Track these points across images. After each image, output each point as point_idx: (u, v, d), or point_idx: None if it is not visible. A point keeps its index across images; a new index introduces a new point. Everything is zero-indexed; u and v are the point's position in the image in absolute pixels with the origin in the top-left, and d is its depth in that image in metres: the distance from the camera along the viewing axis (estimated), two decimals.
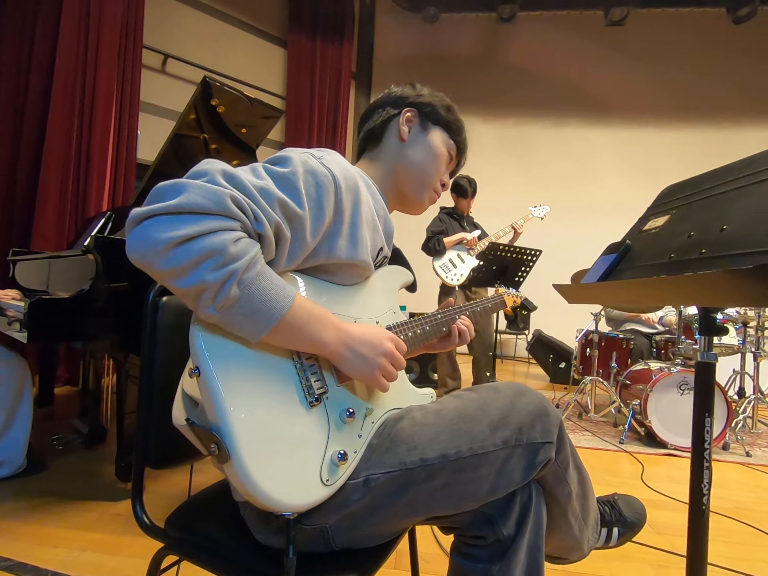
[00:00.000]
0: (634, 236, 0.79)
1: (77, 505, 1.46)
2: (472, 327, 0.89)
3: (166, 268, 0.47)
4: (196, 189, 0.48)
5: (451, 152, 0.84)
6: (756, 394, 2.67)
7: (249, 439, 0.51)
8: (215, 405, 0.50)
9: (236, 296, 0.50)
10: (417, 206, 0.84)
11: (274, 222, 0.54)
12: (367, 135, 0.84)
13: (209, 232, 0.48)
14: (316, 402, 0.59)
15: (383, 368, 0.62)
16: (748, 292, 0.41)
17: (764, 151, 0.64)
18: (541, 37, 5.64)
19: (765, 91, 5.32)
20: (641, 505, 0.90)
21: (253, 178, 0.54)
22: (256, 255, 0.51)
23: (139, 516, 0.66)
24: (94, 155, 3.08)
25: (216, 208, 0.48)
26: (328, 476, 0.57)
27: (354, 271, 0.67)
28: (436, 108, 0.82)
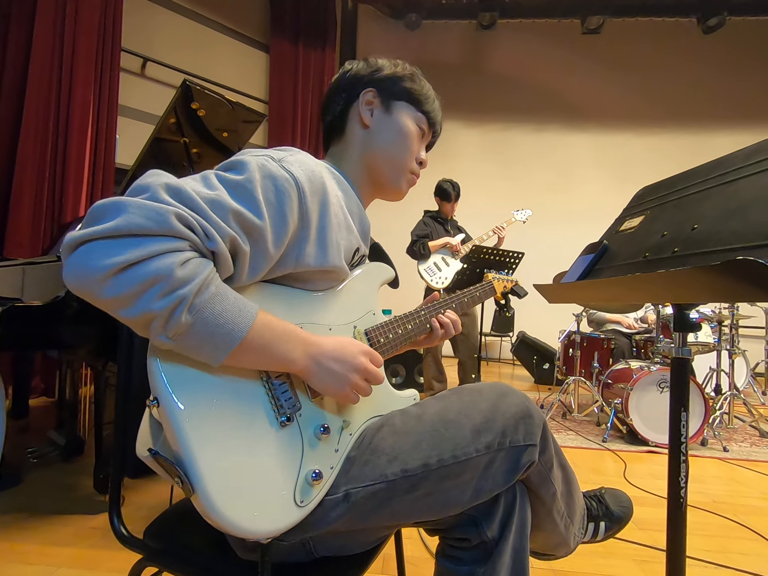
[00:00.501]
0: (611, 236, 0.81)
1: (53, 519, 1.41)
2: (458, 321, 0.85)
3: (108, 297, 0.43)
4: (136, 209, 0.44)
5: (422, 126, 0.77)
6: (732, 390, 2.75)
7: (214, 470, 0.49)
8: (177, 436, 0.48)
9: (189, 323, 0.46)
10: (396, 193, 0.79)
11: (228, 236, 0.49)
12: (328, 127, 0.78)
13: (153, 256, 0.43)
14: (287, 421, 0.56)
15: (355, 384, 0.59)
16: (717, 288, 0.42)
17: (731, 153, 0.66)
18: (520, 44, 5.75)
19: (733, 98, 5.53)
20: (628, 498, 0.91)
21: (204, 189, 0.50)
22: (209, 276, 0.47)
23: (117, 527, 0.64)
24: (71, 160, 3.01)
25: (159, 229, 0.44)
26: (302, 497, 0.55)
27: (327, 276, 0.64)
28: (397, 80, 0.75)
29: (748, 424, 2.85)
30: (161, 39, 4.13)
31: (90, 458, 1.79)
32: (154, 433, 0.54)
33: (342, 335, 0.65)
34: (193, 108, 2.02)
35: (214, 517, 0.48)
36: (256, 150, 0.59)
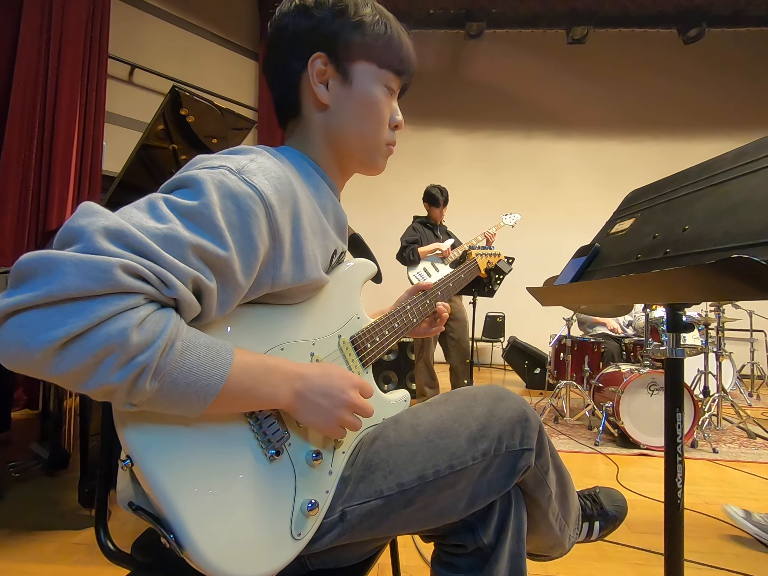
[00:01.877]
0: (603, 239, 0.81)
1: (36, 535, 1.36)
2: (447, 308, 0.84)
3: (55, 374, 0.37)
4: (71, 267, 0.36)
5: (390, 84, 0.64)
6: (719, 392, 2.78)
7: (202, 525, 0.46)
8: (157, 496, 0.44)
9: (155, 389, 0.41)
10: (374, 170, 0.70)
11: (190, 277, 0.42)
12: (279, 105, 0.66)
13: (100, 322, 0.37)
14: (276, 455, 0.53)
15: (342, 420, 0.55)
16: (710, 287, 0.42)
17: (718, 156, 0.67)
18: (507, 53, 5.86)
19: (713, 106, 5.70)
20: (622, 497, 0.90)
21: (153, 222, 0.42)
22: (172, 331, 0.41)
23: (103, 542, 0.62)
24: (56, 166, 2.97)
25: (103, 288, 0.36)
26: (299, 530, 0.53)
27: (306, 289, 0.58)
28: (348, 31, 0.60)
29: (736, 426, 2.89)
30: (150, 46, 4.11)
31: (75, 472, 1.74)
32: (135, 486, 0.50)
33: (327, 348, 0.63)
34: (182, 114, 2.01)
35: (209, 571, 0.46)
36: (210, 158, 0.51)
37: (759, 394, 4.24)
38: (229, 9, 4.75)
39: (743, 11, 5.22)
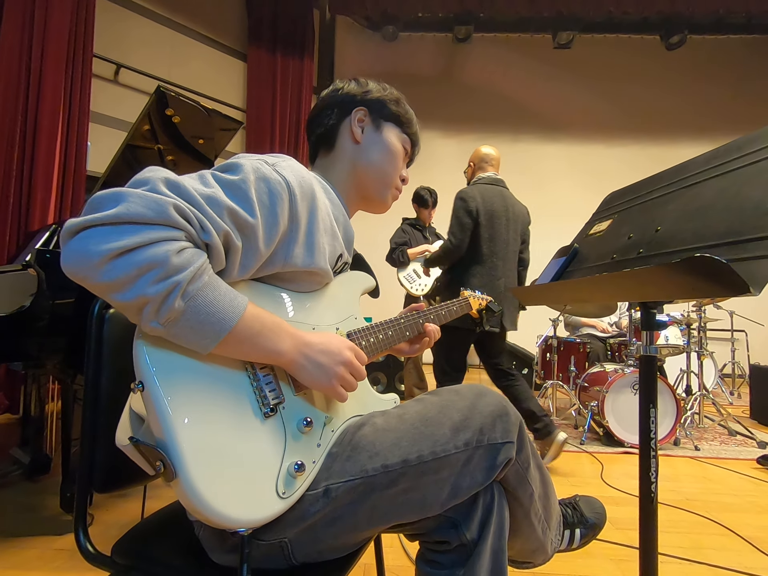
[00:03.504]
0: (582, 240, 0.83)
1: (16, 542, 1.33)
2: (437, 330, 0.89)
3: (104, 281, 0.45)
4: (136, 198, 0.46)
5: (406, 146, 0.83)
6: (701, 391, 2.84)
7: (197, 455, 0.49)
8: (160, 420, 0.48)
9: (181, 309, 0.48)
10: (381, 206, 0.84)
11: (222, 231, 0.51)
12: (318, 140, 0.82)
13: (149, 243, 0.45)
14: (271, 413, 0.57)
15: (342, 377, 0.61)
16: (678, 285, 0.44)
17: (691, 159, 0.69)
18: (495, 57, 5.92)
19: (695, 110, 5.82)
20: (601, 504, 0.93)
21: (201, 186, 0.52)
22: (202, 265, 0.49)
23: (83, 544, 0.61)
24: (39, 166, 2.92)
25: (157, 218, 0.46)
26: (285, 489, 0.55)
27: (312, 278, 0.66)
28: (386, 103, 0.81)
29: (717, 423, 2.95)
30: (136, 46, 4.07)
31: (56, 477, 1.70)
32: (134, 425, 0.55)
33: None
34: (168, 114, 1.99)
35: (195, 503, 0.48)
36: (251, 155, 0.61)
37: (740, 393, 4.33)
38: (217, 9, 4.72)
39: (723, 19, 5.36)
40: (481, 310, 1.13)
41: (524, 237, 2.10)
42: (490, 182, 2.05)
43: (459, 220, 1.95)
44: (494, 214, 1.97)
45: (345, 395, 0.62)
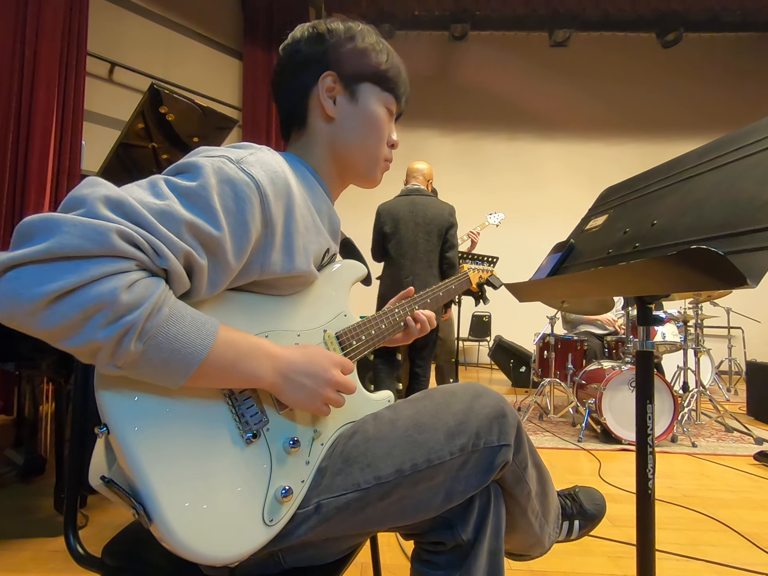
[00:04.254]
0: (577, 236, 0.83)
1: (9, 544, 1.32)
2: (433, 317, 0.84)
3: (44, 329, 0.39)
4: (71, 227, 0.38)
5: (390, 107, 0.70)
6: (698, 387, 2.85)
7: (172, 498, 0.46)
8: (129, 464, 0.45)
9: (139, 351, 0.42)
10: (371, 182, 0.74)
11: (182, 252, 0.44)
12: (286, 118, 0.71)
13: (92, 281, 0.39)
14: (253, 438, 0.53)
15: (327, 399, 0.57)
16: (674, 278, 0.43)
17: (686, 153, 0.69)
18: (491, 55, 5.91)
19: (692, 108, 5.83)
20: (601, 495, 0.91)
21: (152, 198, 0.45)
22: (160, 297, 0.43)
23: (72, 546, 0.61)
24: (32, 166, 2.90)
25: (99, 249, 0.39)
26: (271, 516, 0.52)
27: (294, 281, 0.60)
28: (357, 57, 0.67)
29: (714, 420, 2.96)
30: (131, 44, 4.04)
31: (51, 478, 1.69)
32: (109, 459, 0.51)
33: (311, 340, 0.63)
34: (162, 112, 1.98)
35: (175, 546, 0.45)
36: (212, 149, 0.53)
37: (737, 389, 4.35)
38: (213, 8, 4.70)
39: (718, 17, 5.37)
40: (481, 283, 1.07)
41: (444, 237, 2.34)
42: (404, 193, 2.43)
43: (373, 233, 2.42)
44: (400, 220, 2.32)
45: (329, 412, 0.59)
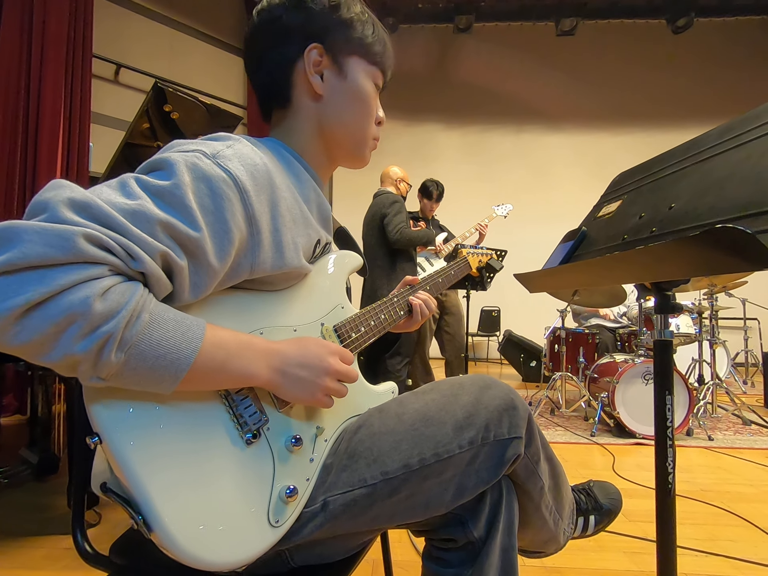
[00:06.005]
0: (590, 223, 0.80)
1: (24, 541, 1.33)
2: (429, 300, 0.82)
3: (17, 345, 0.36)
4: (32, 234, 0.35)
5: (377, 81, 0.67)
6: (714, 380, 2.79)
7: (172, 507, 0.44)
8: (125, 475, 0.43)
9: (121, 361, 0.40)
10: (360, 162, 0.71)
11: (158, 252, 0.42)
12: (266, 93, 0.65)
13: (62, 291, 0.36)
14: (253, 439, 0.51)
15: (326, 389, 0.55)
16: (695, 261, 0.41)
17: (704, 133, 0.66)
18: (497, 46, 5.84)
19: (703, 95, 5.70)
20: (616, 490, 0.89)
21: (122, 198, 0.42)
22: (138, 302, 0.40)
23: (80, 544, 0.60)
24: (42, 168, 2.92)
25: (65, 256, 0.36)
26: (277, 517, 0.51)
27: (286, 276, 0.58)
28: (344, 27, 0.62)
29: (731, 413, 2.90)
30: (135, 45, 4.06)
31: (64, 477, 1.71)
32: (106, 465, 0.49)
33: (309, 335, 0.61)
34: (166, 111, 1.98)
35: (179, 555, 0.44)
36: (187, 142, 0.50)
37: (753, 381, 4.26)
38: (216, 6, 4.70)
39: (730, 0, 5.23)
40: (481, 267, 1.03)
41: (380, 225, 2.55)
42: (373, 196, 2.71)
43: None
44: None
45: (331, 404, 0.57)
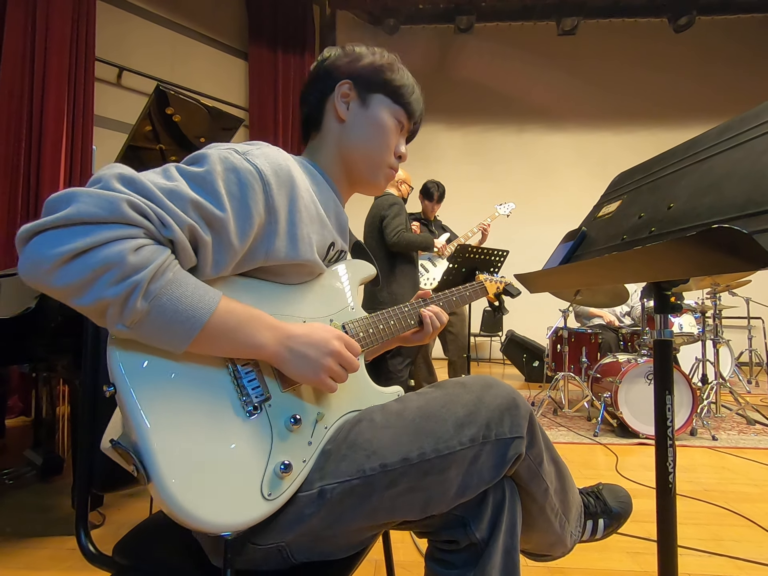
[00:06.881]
0: (590, 223, 0.80)
1: (29, 542, 1.34)
2: (441, 314, 0.84)
3: (59, 286, 0.43)
4: (87, 197, 0.44)
5: (400, 119, 0.75)
6: (717, 379, 2.78)
7: (170, 458, 0.47)
8: (133, 423, 0.47)
9: (145, 309, 0.45)
10: (374, 188, 0.78)
11: (186, 225, 0.48)
12: (306, 121, 0.77)
13: (103, 243, 0.43)
14: (254, 411, 0.54)
15: (329, 369, 0.57)
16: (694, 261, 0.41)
17: (704, 132, 0.66)
18: (498, 47, 5.83)
19: (705, 94, 5.68)
20: (626, 493, 0.88)
21: (162, 180, 0.50)
22: (164, 262, 0.47)
23: (84, 544, 0.61)
24: (45, 172, 2.95)
25: (110, 216, 0.44)
26: (270, 490, 0.52)
27: (300, 270, 0.62)
28: (374, 71, 0.73)
29: (735, 413, 2.89)
30: (138, 48, 4.08)
31: (68, 478, 1.72)
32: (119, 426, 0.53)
33: None
34: (169, 113, 1.99)
35: (171, 508, 0.46)
36: (222, 144, 0.57)
37: (758, 381, 4.24)
38: (217, 9, 4.71)
39: None
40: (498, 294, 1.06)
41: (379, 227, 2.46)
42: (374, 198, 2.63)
43: None
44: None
45: (334, 387, 0.59)
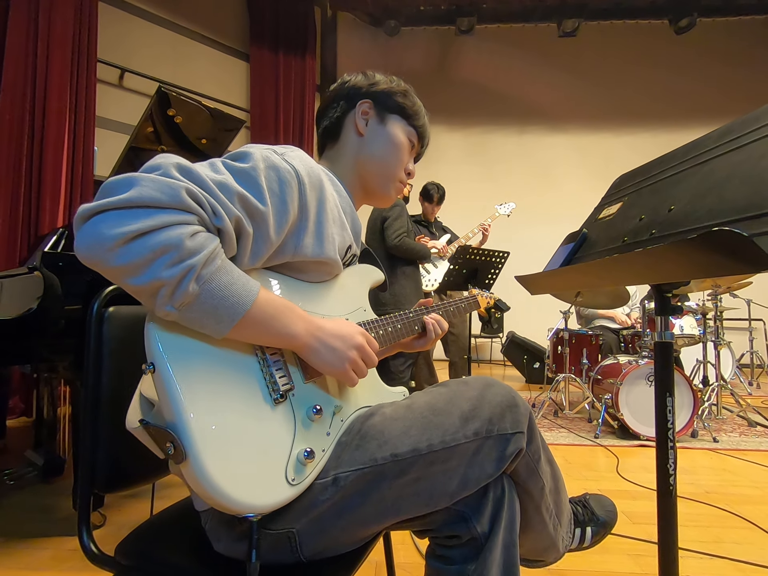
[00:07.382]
0: (590, 225, 0.80)
1: (30, 543, 1.34)
2: (443, 321, 0.89)
3: (118, 265, 0.45)
4: (149, 182, 0.46)
5: (412, 139, 0.82)
6: (718, 381, 2.77)
7: (207, 437, 0.48)
8: (171, 401, 0.48)
9: (195, 293, 0.48)
10: (384, 199, 0.84)
11: (234, 216, 0.52)
12: (325, 132, 0.82)
13: (163, 227, 0.45)
14: (281, 399, 0.57)
15: (354, 362, 0.61)
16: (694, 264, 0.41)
17: (704, 135, 0.66)
18: (499, 48, 5.84)
19: (706, 95, 5.68)
20: (611, 503, 0.92)
21: (211, 172, 0.53)
22: (215, 250, 0.49)
23: (86, 544, 0.61)
24: (47, 173, 2.95)
25: (170, 202, 0.46)
26: (294, 475, 0.55)
27: (322, 268, 0.66)
28: (392, 95, 0.80)
29: (736, 414, 2.88)
30: (139, 50, 4.09)
31: (70, 479, 1.72)
32: (144, 409, 0.55)
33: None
34: (170, 115, 1.99)
35: (205, 486, 0.47)
36: (260, 144, 0.61)
37: (759, 383, 4.23)
38: (219, 10, 4.73)
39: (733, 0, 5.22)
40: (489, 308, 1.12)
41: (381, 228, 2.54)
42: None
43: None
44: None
45: (356, 380, 0.62)
